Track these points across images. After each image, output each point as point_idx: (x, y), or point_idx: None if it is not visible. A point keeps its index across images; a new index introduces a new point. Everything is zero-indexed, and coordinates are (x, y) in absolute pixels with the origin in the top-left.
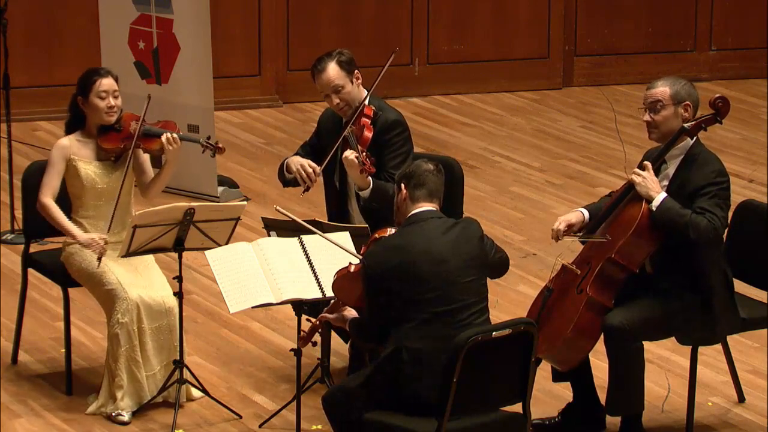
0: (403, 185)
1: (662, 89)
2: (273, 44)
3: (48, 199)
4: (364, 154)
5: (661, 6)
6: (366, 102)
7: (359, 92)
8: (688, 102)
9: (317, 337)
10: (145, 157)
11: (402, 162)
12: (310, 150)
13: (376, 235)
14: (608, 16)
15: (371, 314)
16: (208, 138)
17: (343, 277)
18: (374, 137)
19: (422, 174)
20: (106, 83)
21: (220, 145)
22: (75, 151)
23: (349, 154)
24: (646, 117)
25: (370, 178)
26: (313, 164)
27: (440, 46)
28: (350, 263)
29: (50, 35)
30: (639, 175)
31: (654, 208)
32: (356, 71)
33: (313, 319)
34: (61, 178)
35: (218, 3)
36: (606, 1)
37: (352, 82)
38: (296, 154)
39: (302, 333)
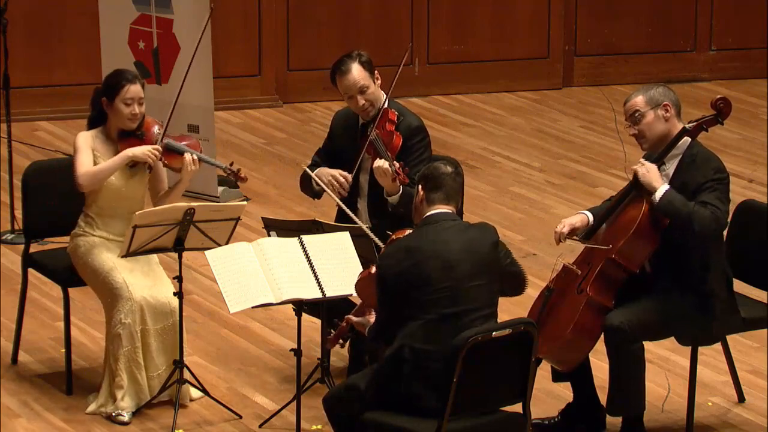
0: (420, 187)
1: (635, 99)
2: (273, 44)
3: (83, 169)
4: (397, 164)
5: (661, 6)
6: (386, 105)
7: (379, 92)
8: (665, 102)
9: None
10: (162, 166)
11: None
12: (325, 156)
13: (394, 236)
14: (608, 16)
15: (383, 313)
16: (231, 164)
17: (364, 279)
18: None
19: (439, 176)
20: (134, 90)
21: (243, 175)
22: (96, 146)
23: (382, 163)
24: (632, 131)
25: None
26: (344, 173)
27: (440, 46)
28: (371, 264)
29: (50, 35)
30: (642, 165)
31: (657, 199)
32: (375, 71)
33: (342, 323)
34: (92, 156)
35: (218, 3)
36: (606, 1)
37: (374, 82)
38: (313, 163)
39: (330, 333)
